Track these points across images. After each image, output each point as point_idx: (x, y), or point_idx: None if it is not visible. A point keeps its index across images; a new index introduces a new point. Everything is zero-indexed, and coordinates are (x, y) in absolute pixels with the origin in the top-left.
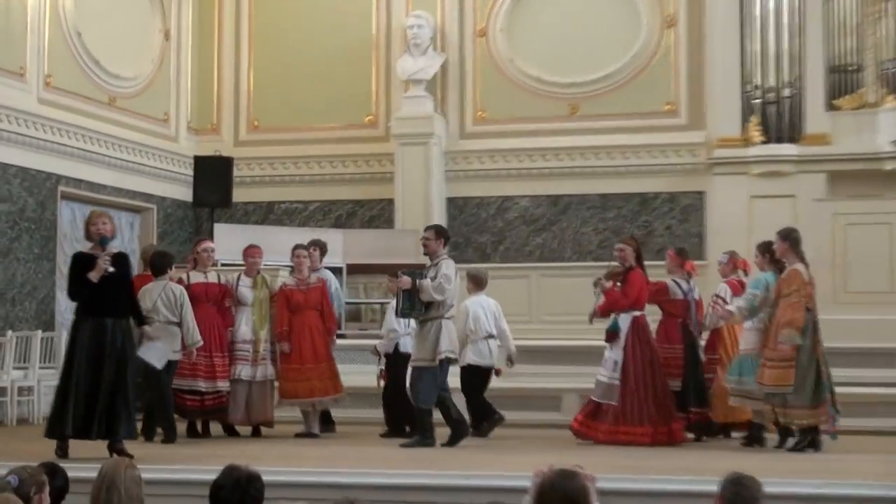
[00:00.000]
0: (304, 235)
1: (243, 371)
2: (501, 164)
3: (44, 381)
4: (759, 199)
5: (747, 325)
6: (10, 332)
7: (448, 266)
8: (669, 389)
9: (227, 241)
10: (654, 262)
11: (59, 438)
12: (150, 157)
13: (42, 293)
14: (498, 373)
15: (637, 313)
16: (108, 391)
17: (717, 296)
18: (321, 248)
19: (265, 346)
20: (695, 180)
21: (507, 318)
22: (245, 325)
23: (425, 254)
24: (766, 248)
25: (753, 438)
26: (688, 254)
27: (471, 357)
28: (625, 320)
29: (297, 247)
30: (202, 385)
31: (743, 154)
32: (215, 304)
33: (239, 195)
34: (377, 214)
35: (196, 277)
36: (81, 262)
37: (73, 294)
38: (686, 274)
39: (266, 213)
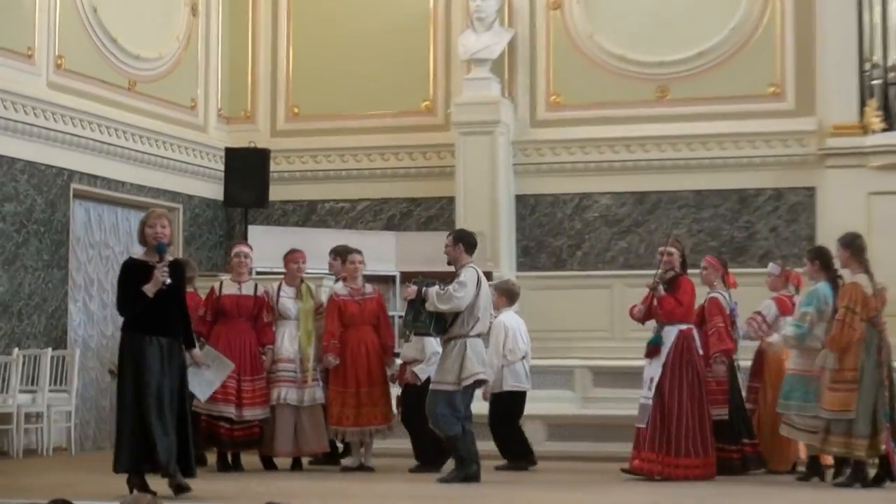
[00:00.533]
0: (352, 239)
1: (289, 395)
2: (579, 157)
3: (54, 406)
4: (880, 196)
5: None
6: (16, 350)
7: (468, 274)
8: (710, 417)
9: (264, 245)
10: (756, 269)
11: (129, 472)
12: (175, 149)
13: (52, 306)
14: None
15: (684, 326)
16: (172, 420)
17: (759, 313)
18: (341, 256)
19: (314, 365)
20: (804, 174)
21: (585, 333)
22: (288, 342)
23: (448, 263)
24: (816, 255)
25: (813, 472)
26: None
27: (510, 382)
28: (670, 333)
29: (349, 251)
30: (233, 412)
31: (860, 144)
32: (250, 319)
33: (276, 193)
34: (435, 215)
35: (228, 288)
36: (133, 272)
37: (123, 308)
38: (725, 286)
39: (307, 214)
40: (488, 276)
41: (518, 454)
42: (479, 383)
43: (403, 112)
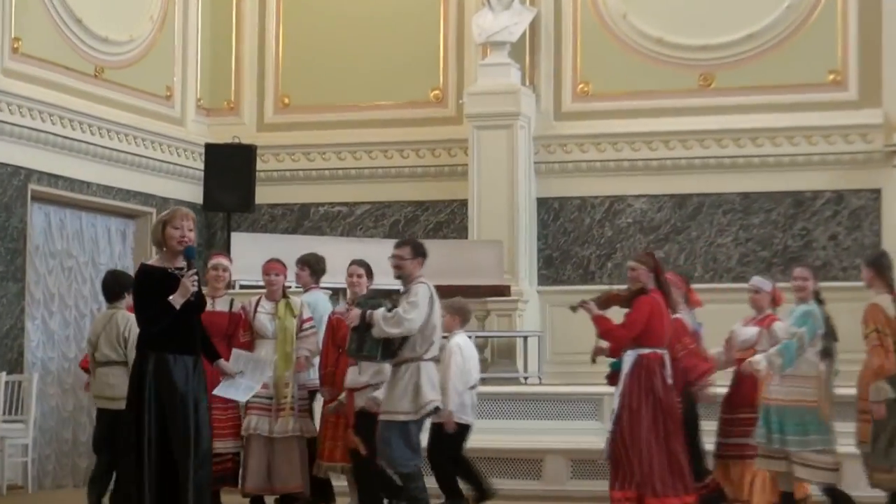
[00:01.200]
0: (351, 248)
1: (260, 424)
2: (610, 154)
3: (8, 438)
4: None
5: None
6: None
7: (420, 291)
8: (685, 451)
9: (249, 254)
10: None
11: None
12: (148, 145)
13: (7, 324)
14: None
15: (645, 351)
16: (197, 460)
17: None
18: (311, 266)
19: (294, 392)
20: (868, 175)
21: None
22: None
23: (397, 276)
24: (872, 262)
25: None
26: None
27: (457, 413)
28: (628, 358)
29: (351, 263)
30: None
31: None
32: (224, 338)
33: (264, 195)
34: (446, 220)
35: None
36: (155, 280)
37: (147, 322)
38: (689, 306)
39: (299, 219)
40: (505, 291)
41: (455, 491)
42: (435, 411)
43: (409, 103)
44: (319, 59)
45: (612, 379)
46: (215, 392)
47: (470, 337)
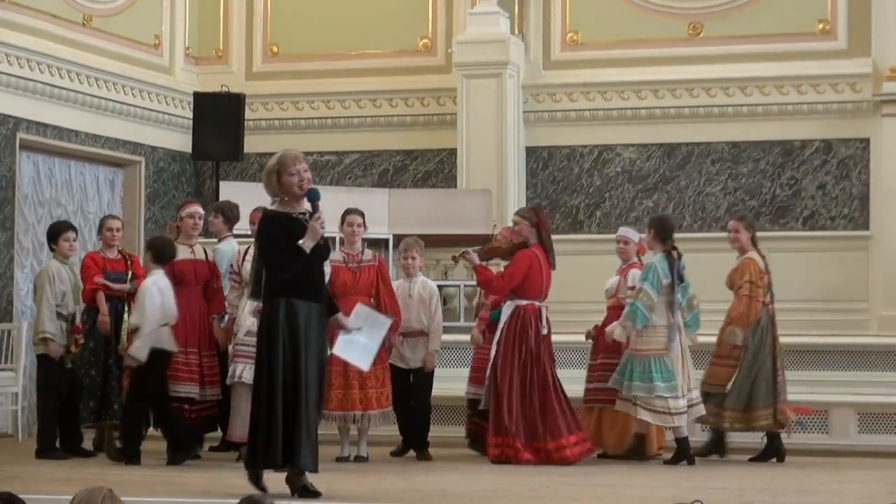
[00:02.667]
0: (341, 197)
1: (245, 373)
2: (599, 103)
3: None
4: None
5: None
6: None
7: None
8: (558, 398)
9: (238, 203)
10: (801, 232)
11: (270, 468)
12: (137, 94)
13: None
14: None
15: (523, 302)
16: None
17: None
18: (224, 214)
19: None
20: (857, 124)
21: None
22: (249, 314)
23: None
24: (655, 223)
25: (635, 452)
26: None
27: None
28: (507, 309)
29: (346, 212)
30: (196, 392)
31: None
32: (202, 285)
33: (252, 144)
34: (434, 169)
35: (181, 253)
36: (280, 225)
37: (277, 268)
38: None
39: None
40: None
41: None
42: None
43: (398, 52)
44: (308, 7)
45: (491, 328)
46: (334, 352)
47: (460, 285)
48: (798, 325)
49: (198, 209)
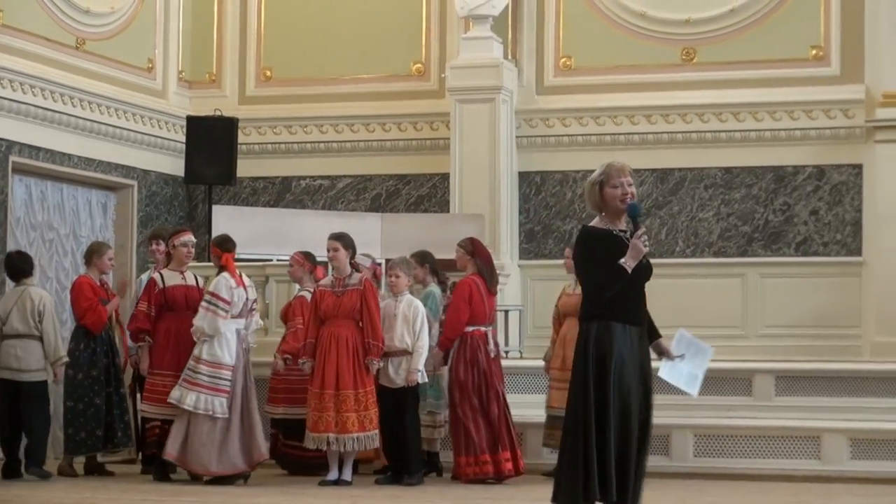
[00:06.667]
0: (334, 222)
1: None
2: (592, 129)
3: None
4: None
5: None
6: None
7: None
8: (502, 415)
9: (230, 228)
10: (794, 257)
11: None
12: (130, 117)
13: None
14: None
15: (469, 329)
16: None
17: None
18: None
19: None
20: (850, 150)
21: None
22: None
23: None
24: (423, 258)
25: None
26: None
27: None
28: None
29: (330, 238)
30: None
31: None
32: (195, 311)
33: (245, 168)
34: (427, 194)
35: (172, 279)
36: (600, 243)
37: (597, 287)
38: (315, 283)
39: (280, 193)
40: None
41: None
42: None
43: (391, 76)
44: (301, 31)
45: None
46: (660, 374)
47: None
48: (790, 350)
49: (191, 238)
